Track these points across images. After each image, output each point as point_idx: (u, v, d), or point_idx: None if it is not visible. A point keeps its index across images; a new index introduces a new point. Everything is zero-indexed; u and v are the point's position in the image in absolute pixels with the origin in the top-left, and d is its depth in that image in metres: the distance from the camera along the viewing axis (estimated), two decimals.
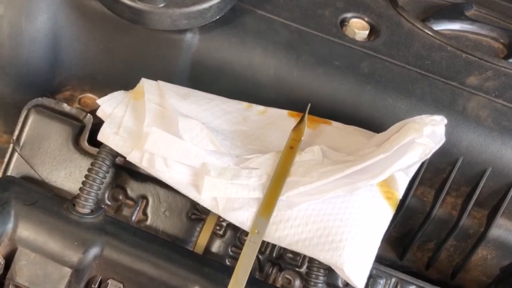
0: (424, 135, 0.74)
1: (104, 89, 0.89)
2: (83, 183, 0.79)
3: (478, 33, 1.05)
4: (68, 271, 0.74)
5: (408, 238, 0.95)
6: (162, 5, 0.83)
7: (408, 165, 0.75)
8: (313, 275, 0.76)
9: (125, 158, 0.79)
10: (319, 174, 0.76)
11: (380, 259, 0.91)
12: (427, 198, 0.93)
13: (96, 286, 0.75)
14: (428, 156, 0.76)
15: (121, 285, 0.74)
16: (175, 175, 0.77)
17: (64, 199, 0.80)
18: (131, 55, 0.93)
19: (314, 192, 0.75)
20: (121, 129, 0.80)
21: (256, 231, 0.74)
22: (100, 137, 0.80)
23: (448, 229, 0.92)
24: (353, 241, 0.74)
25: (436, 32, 1.00)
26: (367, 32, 0.97)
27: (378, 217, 0.77)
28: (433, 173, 0.91)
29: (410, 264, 0.97)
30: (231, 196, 0.76)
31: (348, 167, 0.75)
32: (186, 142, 0.77)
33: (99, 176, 0.79)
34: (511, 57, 1.00)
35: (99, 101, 0.83)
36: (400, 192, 0.79)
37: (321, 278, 0.76)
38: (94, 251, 0.75)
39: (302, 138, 0.82)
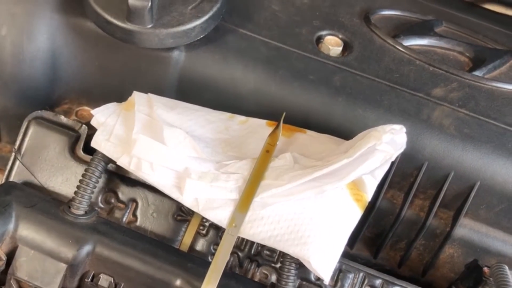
0: (383, 142, 0.80)
1: (99, 102, 0.91)
2: (78, 187, 0.82)
3: (445, 47, 1.09)
4: (63, 266, 0.77)
5: (380, 238, 1.00)
6: (150, 26, 0.88)
7: (371, 170, 0.81)
8: (285, 269, 0.81)
9: (115, 162, 0.83)
10: (290, 177, 0.81)
11: (355, 258, 0.98)
12: (396, 201, 0.97)
13: (89, 280, 0.79)
14: (389, 161, 0.82)
15: (112, 279, 0.79)
16: (160, 177, 0.81)
17: (60, 202, 0.84)
18: (123, 71, 0.97)
19: (285, 194, 0.80)
20: (112, 137, 0.84)
21: (233, 224, 0.79)
22: (93, 143, 0.84)
23: (417, 229, 0.97)
24: (320, 236, 0.78)
25: (406, 47, 1.05)
26: (340, 48, 1.02)
27: (346, 216, 0.82)
28: (401, 177, 0.95)
29: (384, 263, 1.02)
30: (210, 197, 0.81)
31: (316, 171, 0.80)
32: (170, 148, 0.82)
33: (92, 181, 0.82)
34: (476, 69, 1.05)
35: (94, 111, 0.87)
36: (368, 195, 0.84)
37: (293, 271, 0.81)
38: (87, 248, 0.79)
39: (278, 145, 0.87)
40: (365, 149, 0.80)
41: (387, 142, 0.80)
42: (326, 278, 0.78)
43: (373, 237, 1.01)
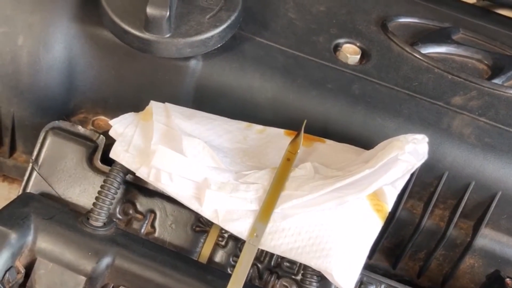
0: (406, 152, 0.79)
1: (115, 111, 0.91)
2: (96, 198, 0.82)
3: (463, 55, 1.09)
4: (82, 279, 0.77)
5: (400, 248, 0.99)
6: (168, 35, 0.88)
7: (393, 180, 0.80)
8: (307, 281, 0.80)
9: (134, 173, 0.82)
10: (310, 188, 0.80)
11: (374, 268, 0.97)
12: (416, 211, 0.97)
13: None
14: (411, 171, 0.81)
15: None
16: (179, 188, 0.81)
17: (79, 213, 0.84)
18: (140, 80, 0.97)
19: (306, 205, 0.79)
20: (131, 147, 0.84)
21: (255, 234, 0.78)
22: (112, 154, 0.84)
23: (437, 239, 0.96)
24: (342, 248, 0.77)
25: (424, 55, 1.05)
26: (358, 56, 1.02)
27: (367, 227, 0.81)
28: (421, 187, 0.95)
29: (403, 273, 1.01)
30: (230, 208, 0.80)
31: (337, 182, 0.79)
32: (189, 159, 0.81)
33: (111, 192, 0.82)
34: (495, 77, 1.05)
35: (112, 122, 0.86)
36: (389, 205, 0.83)
37: (314, 284, 0.80)
38: (106, 260, 0.78)
39: (298, 155, 0.87)
40: (387, 159, 0.79)
41: (409, 152, 0.80)
42: None
43: (392, 247, 1.01)
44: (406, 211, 0.96)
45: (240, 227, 0.80)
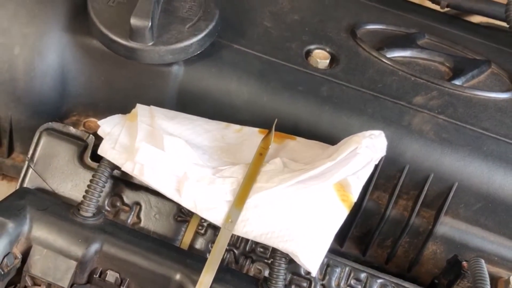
0: (363, 146, 0.86)
1: (105, 114, 0.95)
2: (86, 191, 0.87)
3: (427, 58, 1.15)
4: (74, 263, 0.82)
5: (368, 237, 1.05)
6: (151, 43, 0.93)
7: (353, 172, 0.87)
8: (276, 263, 0.86)
9: (120, 169, 0.87)
10: (279, 180, 0.86)
11: (345, 256, 1.02)
12: (382, 201, 1.02)
13: (97, 276, 0.85)
14: (372, 164, 0.89)
15: (118, 274, 0.85)
16: (161, 182, 0.86)
17: (70, 205, 0.88)
18: (127, 85, 1.02)
19: (275, 195, 0.85)
20: (117, 145, 0.88)
21: (229, 220, 0.84)
22: (100, 151, 0.88)
23: (401, 228, 1.02)
24: (307, 233, 0.83)
25: (389, 59, 1.12)
26: (328, 61, 1.08)
27: (332, 214, 0.86)
28: (385, 179, 1.01)
29: (372, 260, 1.06)
30: (207, 198, 0.85)
31: (302, 174, 0.85)
32: (170, 155, 0.87)
33: (99, 185, 0.87)
34: (455, 79, 1.12)
35: (100, 122, 0.92)
36: (354, 195, 0.88)
37: (283, 265, 0.86)
38: (95, 246, 0.83)
39: (270, 151, 0.93)
40: (347, 153, 0.86)
41: (367, 146, 0.87)
42: (314, 271, 0.84)
43: (361, 236, 1.06)
44: (373, 202, 1.02)
45: (216, 215, 0.86)
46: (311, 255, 0.84)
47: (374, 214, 1.03)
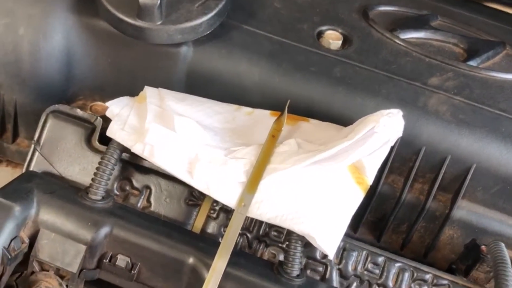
0: (381, 125, 0.83)
1: (112, 97, 0.93)
2: (95, 174, 0.85)
3: (440, 40, 1.14)
4: (83, 247, 0.81)
5: (383, 222, 1.03)
6: (159, 22, 0.92)
7: (370, 151, 0.84)
8: (292, 246, 0.84)
9: (130, 151, 0.86)
10: (294, 161, 0.84)
11: (359, 241, 0.99)
12: (397, 185, 1.00)
13: (107, 260, 0.83)
14: (388, 145, 0.86)
15: (128, 259, 0.83)
16: (172, 163, 0.84)
17: (78, 189, 0.87)
18: (134, 67, 1.00)
19: (289, 176, 0.84)
20: (127, 126, 0.87)
21: (243, 204, 0.82)
22: (109, 132, 0.87)
23: (417, 212, 1.00)
24: (324, 215, 0.82)
25: (402, 40, 1.10)
26: (340, 42, 1.07)
27: (348, 197, 0.85)
28: (401, 162, 0.99)
29: (387, 246, 1.05)
30: (219, 180, 0.84)
31: (317, 154, 0.84)
32: (181, 136, 0.85)
33: (108, 168, 0.86)
34: (470, 60, 1.10)
35: (108, 103, 0.90)
36: (369, 178, 0.87)
37: (299, 248, 0.84)
38: (105, 230, 0.82)
39: (283, 133, 0.91)
40: (364, 132, 0.84)
41: (384, 125, 0.84)
42: (331, 254, 0.82)
43: (376, 221, 1.04)
44: (388, 186, 1.00)
45: (229, 198, 0.84)
46: (328, 237, 0.82)
47: (389, 198, 1.01)
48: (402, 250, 1.04)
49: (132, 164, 0.93)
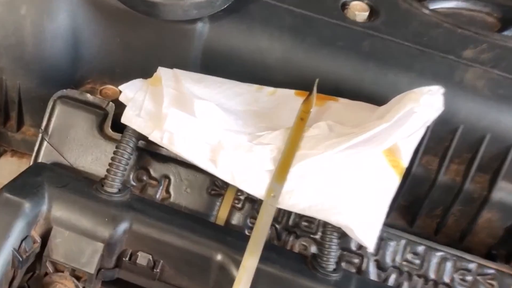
0: (421, 105, 0.78)
1: (122, 80, 0.90)
2: (110, 164, 0.81)
3: (472, 9, 1.08)
4: (100, 245, 0.76)
5: (416, 206, 0.98)
6: None
7: (409, 134, 0.79)
8: (327, 238, 0.80)
9: (146, 139, 0.82)
10: (326, 146, 0.79)
11: (391, 227, 0.95)
12: (432, 166, 0.95)
13: (127, 258, 0.78)
14: (428, 124, 0.80)
15: (150, 256, 0.78)
16: (194, 151, 0.80)
17: (93, 181, 0.83)
18: (146, 46, 0.96)
19: (322, 163, 0.79)
20: (143, 112, 0.82)
21: (272, 194, 0.78)
22: (124, 119, 0.83)
23: (453, 195, 0.95)
24: (361, 203, 0.77)
25: (432, 10, 1.04)
26: (367, 13, 1.00)
27: (385, 183, 0.80)
28: (436, 142, 0.94)
29: (420, 231, 0.99)
30: (245, 168, 0.79)
31: (352, 138, 0.78)
32: (202, 122, 0.81)
33: (124, 158, 0.81)
34: (505, 30, 1.05)
35: (121, 87, 0.85)
36: (405, 161, 0.81)
37: (335, 240, 0.79)
38: (123, 226, 0.77)
39: (311, 115, 0.86)
40: (403, 112, 0.78)
41: (425, 105, 0.78)
42: (371, 246, 0.77)
43: (408, 205, 1.00)
44: (422, 167, 0.95)
45: (256, 187, 0.79)
46: (367, 228, 0.77)
47: (423, 181, 0.96)
48: (436, 235, 1.00)
49: (149, 152, 0.89)
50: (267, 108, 0.90)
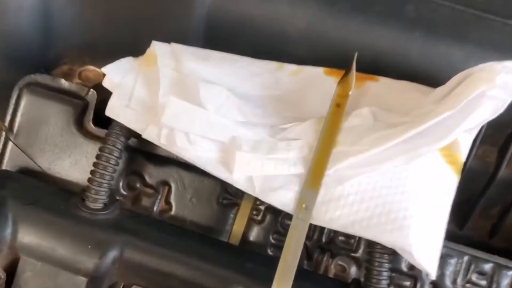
0: (496, 86, 0.66)
1: (107, 59, 0.80)
2: (92, 172, 0.72)
3: None
4: (82, 280, 0.68)
5: (468, 205, 0.89)
6: None
7: (479, 124, 0.69)
8: (376, 263, 0.70)
9: (139, 136, 0.74)
10: (372, 141, 0.70)
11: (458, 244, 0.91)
12: (489, 158, 0.87)
13: None
14: (501, 110, 0.69)
15: None
16: (200, 152, 0.72)
17: (70, 193, 0.74)
18: (135, 16, 0.87)
19: (367, 163, 0.69)
20: (133, 101, 0.74)
21: (303, 205, 0.69)
22: (109, 112, 0.74)
23: None
24: (419, 217, 0.68)
25: None
26: None
27: (443, 186, 0.71)
28: (495, 129, 0.84)
29: (471, 233, 0.92)
30: (268, 173, 0.70)
31: (406, 130, 0.68)
32: (210, 113, 0.72)
33: (110, 163, 0.72)
34: None
35: (105, 69, 0.77)
36: (463, 155, 0.73)
37: (386, 265, 0.70)
38: (112, 254, 0.68)
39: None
40: (472, 96, 0.66)
41: (500, 86, 0.66)
42: (433, 273, 0.67)
43: (458, 204, 0.87)
44: (477, 160, 0.86)
45: (284, 198, 0.70)
46: (428, 250, 0.68)
47: (479, 175, 0.87)
48: (491, 239, 0.91)
49: (142, 152, 0.81)
50: (292, 92, 0.81)
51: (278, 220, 0.80)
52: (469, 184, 0.86)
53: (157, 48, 0.79)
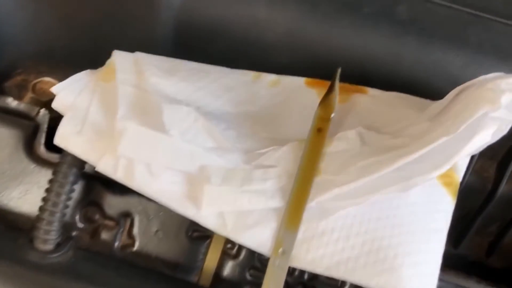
0: (502, 107, 0.61)
1: (65, 69, 0.76)
2: (41, 209, 0.65)
3: None
4: None
5: (464, 222, 0.86)
6: None
7: (479, 148, 0.63)
8: None
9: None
10: (359, 169, 0.64)
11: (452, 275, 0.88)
12: (487, 173, 0.84)
13: None
14: (505, 132, 0.64)
15: None
16: (163, 186, 0.65)
17: (18, 232, 0.68)
18: (97, 21, 0.84)
19: (354, 195, 0.64)
20: (86, 126, 0.68)
21: (280, 250, 0.63)
22: (58, 140, 0.68)
23: None
24: (412, 255, 0.63)
25: None
26: None
27: (438, 213, 0.67)
28: (494, 142, 0.79)
29: (467, 252, 0.89)
30: (242, 208, 0.65)
31: (398, 157, 0.63)
32: (175, 139, 0.66)
33: (61, 199, 0.66)
34: None
35: (55, 88, 0.70)
36: (460, 175, 0.69)
37: None
38: None
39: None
40: (474, 118, 0.61)
41: (506, 107, 0.61)
42: None
43: (453, 221, 0.84)
44: (475, 175, 0.83)
45: (260, 237, 0.64)
46: None
47: (476, 192, 0.84)
48: (488, 257, 0.89)
49: (101, 180, 0.74)
50: (270, 108, 0.75)
51: (255, 254, 0.75)
52: (465, 200, 0.83)
53: (118, 59, 0.73)
